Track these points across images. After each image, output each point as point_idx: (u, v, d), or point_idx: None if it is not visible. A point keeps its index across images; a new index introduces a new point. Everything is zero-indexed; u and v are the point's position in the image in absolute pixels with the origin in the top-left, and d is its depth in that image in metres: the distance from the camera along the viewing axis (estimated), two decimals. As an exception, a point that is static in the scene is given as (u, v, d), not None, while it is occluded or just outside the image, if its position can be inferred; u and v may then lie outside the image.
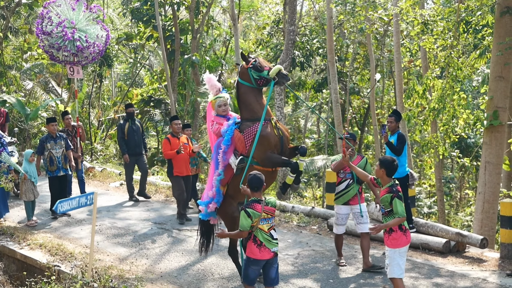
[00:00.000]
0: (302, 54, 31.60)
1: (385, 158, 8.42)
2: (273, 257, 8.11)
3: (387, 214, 8.26)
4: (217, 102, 9.79)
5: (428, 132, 23.61)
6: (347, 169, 10.60)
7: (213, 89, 10.00)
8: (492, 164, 15.04)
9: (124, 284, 9.71)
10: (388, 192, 8.21)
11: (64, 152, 14.73)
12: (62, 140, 14.82)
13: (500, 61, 15.02)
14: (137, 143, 16.83)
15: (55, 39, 15.92)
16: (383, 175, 8.33)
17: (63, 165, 14.66)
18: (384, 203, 8.25)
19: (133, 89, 37.36)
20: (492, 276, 10.54)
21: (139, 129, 16.94)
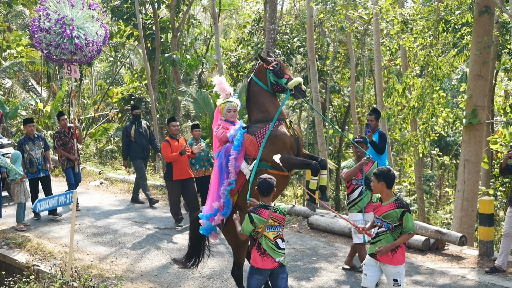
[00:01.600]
0: (282, 52, 31.59)
1: (380, 170, 7.71)
2: (278, 267, 7.59)
3: (393, 230, 7.49)
4: (227, 106, 9.27)
5: (408, 131, 23.74)
6: (359, 175, 10.10)
7: (223, 92, 9.52)
8: (471, 162, 15.14)
9: (104, 283, 9.68)
10: (397, 206, 7.48)
11: (43, 153, 14.45)
12: (41, 141, 14.52)
13: (479, 60, 15.11)
14: (145, 146, 16.42)
15: (53, 36, 15.34)
16: (384, 189, 7.59)
17: (43, 167, 14.40)
18: (392, 218, 7.48)
19: (113, 87, 37.24)
20: (471, 273, 10.62)
21: (146, 132, 16.45)
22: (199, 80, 35.31)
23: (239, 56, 33.29)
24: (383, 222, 7.58)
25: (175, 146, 13.82)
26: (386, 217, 7.54)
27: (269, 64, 8.80)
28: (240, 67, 32.73)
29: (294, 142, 8.73)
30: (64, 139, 15.36)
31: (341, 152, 33.88)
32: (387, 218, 7.52)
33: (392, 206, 7.52)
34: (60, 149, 15.31)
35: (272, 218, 7.48)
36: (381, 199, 7.70)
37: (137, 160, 16.33)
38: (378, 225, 7.66)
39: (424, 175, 30.94)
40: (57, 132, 15.61)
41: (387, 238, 7.55)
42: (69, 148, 15.37)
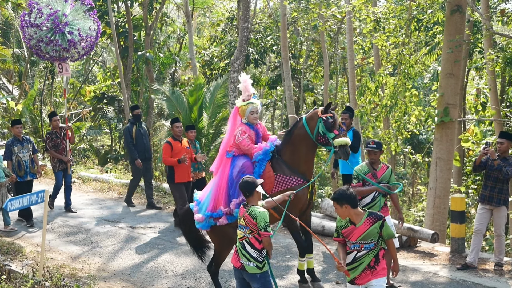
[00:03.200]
0: (256, 51, 31.65)
1: (338, 193, 6.88)
2: (242, 270, 7.37)
3: (375, 247, 6.85)
4: (250, 108, 9.15)
5: (381, 129, 23.87)
6: (372, 180, 9.32)
7: (246, 92, 9.36)
8: (443, 160, 15.24)
9: (76, 282, 9.63)
10: (374, 221, 6.84)
11: (31, 156, 13.96)
12: (29, 143, 14.00)
13: (450, 58, 15.22)
14: (146, 148, 15.85)
15: (45, 32, 14.81)
16: (350, 210, 6.84)
17: (30, 170, 13.91)
18: (373, 236, 6.82)
19: (86, 86, 37.03)
20: (443, 270, 10.71)
21: (147, 133, 16.07)
22: (172, 78, 35.22)
23: (213, 54, 33.28)
24: (362, 245, 6.85)
25: (177, 147, 13.40)
26: (365, 238, 6.82)
27: (324, 113, 8.71)
28: (214, 65, 32.72)
29: (305, 203, 9.08)
30: (56, 140, 14.85)
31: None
32: (368, 238, 6.82)
33: (369, 224, 6.82)
34: (52, 150, 14.80)
35: (244, 218, 7.32)
36: (352, 221, 6.89)
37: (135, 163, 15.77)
38: (355, 249, 6.88)
39: (397, 173, 31.13)
40: (49, 133, 15.03)
41: (368, 258, 6.87)
42: (61, 149, 14.89)
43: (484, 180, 10.83)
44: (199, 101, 24.37)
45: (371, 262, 6.87)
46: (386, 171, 9.53)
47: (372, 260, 6.88)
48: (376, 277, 6.91)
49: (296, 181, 8.81)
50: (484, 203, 10.71)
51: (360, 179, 9.39)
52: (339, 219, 6.98)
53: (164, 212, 15.50)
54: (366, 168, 9.48)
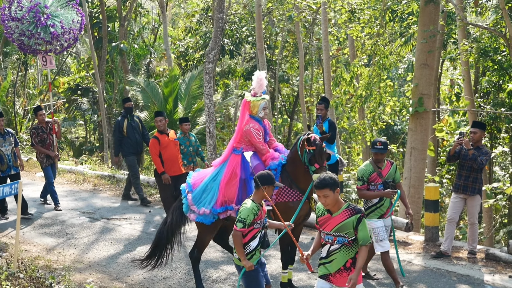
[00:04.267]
0: (231, 42, 31.60)
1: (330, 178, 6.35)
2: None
3: (350, 244, 6.36)
4: (263, 104, 9.16)
5: (356, 119, 23.98)
6: (378, 180, 9.03)
7: (259, 88, 9.24)
8: (417, 150, 15.34)
9: (51, 274, 9.57)
10: (351, 214, 6.36)
11: (13, 149, 13.50)
12: (11, 136, 13.54)
13: (424, 49, 15.30)
14: (138, 141, 15.32)
15: (26, 25, 14.46)
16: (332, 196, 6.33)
17: (13, 163, 13.42)
18: (348, 230, 6.33)
19: (60, 77, 36.73)
20: (417, 259, 10.79)
21: (139, 126, 15.41)
22: (147, 69, 35.10)
23: (188, 45, 33.19)
24: (335, 238, 6.40)
25: (165, 141, 13.03)
26: (340, 229, 6.35)
27: (309, 146, 8.54)
28: (189, 56, 32.64)
29: (303, 219, 9.06)
30: (42, 135, 14.36)
31: (290, 141, 34.01)
32: (342, 231, 6.34)
33: (346, 215, 6.35)
34: (39, 145, 14.33)
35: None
36: (329, 210, 6.46)
37: (129, 156, 15.36)
38: (329, 242, 6.45)
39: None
40: (34, 128, 14.58)
41: (342, 256, 6.40)
42: (47, 144, 14.45)
43: (458, 169, 10.91)
44: (174, 92, 24.36)
45: (347, 263, 6.38)
46: (391, 169, 9.20)
47: (349, 262, 6.39)
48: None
49: (297, 196, 8.80)
50: (458, 192, 10.81)
51: (365, 180, 9.11)
52: (318, 207, 6.58)
53: (139, 204, 15.44)
54: (370, 168, 9.14)
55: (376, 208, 9.09)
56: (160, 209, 14.80)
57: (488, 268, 10.29)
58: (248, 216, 6.98)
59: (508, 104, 19.64)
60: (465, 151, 10.61)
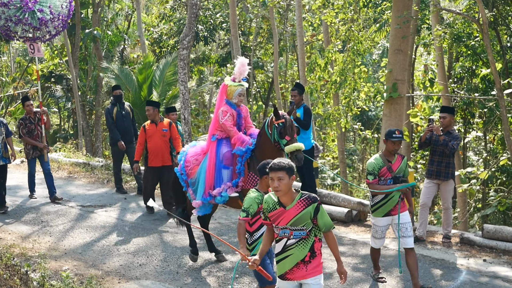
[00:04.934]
0: (205, 28, 31.51)
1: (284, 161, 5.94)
2: None
3: (308, 235, 5.94)
4: (239, 90, 9.22)
5: (331, 105, 24.03)
6: (387, 175, 8.50)
7: (240, 74, 9.32)
8: (392, 135, 15.40)
9: (27, 262, 9.53)
10: (307, 204, 5.91)
11: (4, 140, 13.18)
12: (2, 126, 13.25)
13: (398, 34, 15.32)
14: (127, 130, 14.90)
15: (13, 10, 13.79)
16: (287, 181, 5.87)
17: (3, 154, 13.09)
18: (305, 221, 5.90)
19: (33, 64, 36.43)
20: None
21: (129, 114, 15.05)
22: (121, 56, 34.92)
23: (162, 32, 33.04)
24: (292, 232, 5.94)
25: (151, 131, 12.88)
26: (296, 223, 5.90)
27: (277, 120, 8.46)
28: (163, 43, 32.50)
29: None
30: (30, 126, 13.96)
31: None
32: (299, 224, 5.90)
33: (301, 206, 5.89)
34: (26, 137, 13.92)
35: None
36: (281, 203, 5.98)
37: (115, 146, 14.95)
38: (285, 236, 5.98)
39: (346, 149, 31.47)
40: (22, 119, 14.12)
41: (299, 251, 5.96)
42: (35, 135, 14.00)
43: (430, 155, 10.99)
44: (148, 79, 24.26)
45: (306, 257, 5.94)
46: (402, 163, 8.64)
47: (307, 255, 5.95)
48: (312, 275, 6.00)
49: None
50: (431, 178, 10.90)
51: (376, 174, 8.53)
52: (266, 200, 6.09)
53: (115, 191, 15.40)
54: (380, 161, 8.59)
55: (382, 205, 8.58)
56: (135, 196, 14.79)
57: (462, 252, 10.40)
58: (251, 206, 6.86)
59: (481, 89, 19.78)
60: (436, 137, 10.69)
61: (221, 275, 9.36)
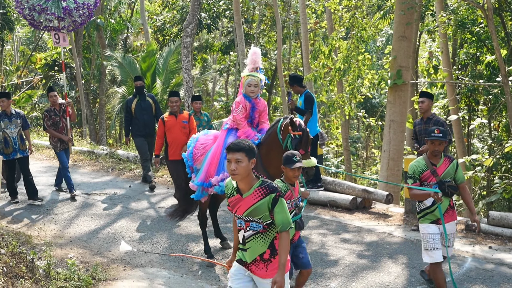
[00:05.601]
0: (208, 16, 31.42)
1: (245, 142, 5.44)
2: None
3: (266, 229, 5.40)
4: (248, 80, 8.87)
5: (335, 93, 23.95)
6: (431, 179, 7.50)
7: (252, 64, 8.96)
8: (396, 122, 15.39)
9: (33, 249, 9.54)
10: (265, 193, 5.34)
11: (20, 132, 12.76)
12: (19, 118, 12.75)
13: (402, 21, 15.29)
14: (146, 123, 14.32)
15: (36, 0, 13.57)
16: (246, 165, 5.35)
17: (20, 147, 12.67)
18: (261, 214, 5.35)
19: (37, 53, 36.41)
20: (397, 230, 10.86)
21: (150, 107, 14.37)
22: (124, 44, 34.86)
23: (165, 20, 32.96)
24: (247, 223, 5.44)
25: (170, 123, 12.35)
26: (252, 214, 5.38)
27: (294, 130, 7.88)
28: (166, 31, 32.43)
29: None
30: (55, 118, 13.40)
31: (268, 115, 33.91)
32: (255, 215, 5.37)
33: (259, 196, 5.35)
34: (51, 129, 13.37)
35: None
36: (238, 189, 5.49)
37: (137, 138, 14.47)
38: (241, 227, 5.51)
39: (350, 136, 31.42)
40: (47, 111, 13.57)
41: (257, 245, 5.45)
42: (60, 128, 13.47)
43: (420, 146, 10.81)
44: (152, 67, 24.27)
45: (265, 254, 5.42)
46: (449, 166, 7.57)
47: (267, 252, 5.42)
48: (271, 276, 5.42)
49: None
50: None
51: (416, 178, 7.62)
52: (227, 184, 5.64)
53: (119, 179, 15.43)
54: (422, 164, 7.63)
55: (429, 212, 7.56)
56: (140, 184, 14.80)
57: (468, 239, 10.38)
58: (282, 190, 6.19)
59: (486, 76, 19.71)
60: (419, 127, 10.64)
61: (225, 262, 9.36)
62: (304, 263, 7.15)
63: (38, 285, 7.74)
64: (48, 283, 7.82)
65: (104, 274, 8.72)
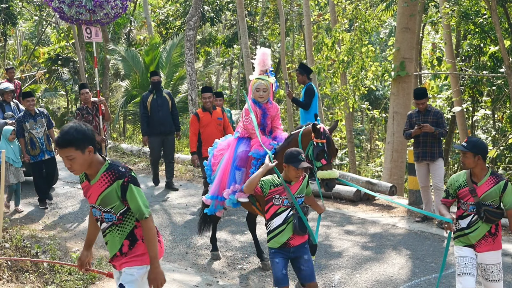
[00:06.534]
0: (212, 9, 31.40)
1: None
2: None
3: (121, 222, 4.90)
4: (256, 84, 8.13)
5: (338, 85, 23.93)
6: (469, 199, 6.32)
7: (261, 66, 8.32)
8: (400, 114, 15.36)
9: (37, 243, 9.56)
10: (112, 180, 4.76)
11: (46, 132, 12.13)
12: (43, 117, 12.13)
13: (406, 12, 15.26)
14: (162, 121, 13.41)
15: None
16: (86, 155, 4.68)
17: (47, 147, 12.08)
18: (113, 203, 4.80)
19: (40, 47, 36.43)
20: (401, 222, 10.87)
21: (167, 103, 13.53)
22: (127, 38, 34.83)
23: (168, 13, 32.96)
24: (102, 213, 4.87)
25: (206, 119, 11.83)
26: (103, 203, 4.81)
27: (317, 138, 7.20)
28: (169, 24, 32.43)
29: None
30: (87, 117, 12.84)
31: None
32: (106, 205, 4.82)
33: (105, 183, 4.76)
34: None
35: None
36: (86, 175, 4.90)
37: (152, 137, 13.61)
38: (98, 218, 4.97)
39: (354, 129, 31.38)
40: (79, 109, 13.09)
41: (114, 238, 4.93)
42: (93, 127, 11.16)
43: (414, 139, 10.76)
44: (155, 61, 24.26)
45: (123, 247, 4.89)
46: (494, 187, 6.27)
47: (125, 244, 4.89)
48: (129, 264, 4.93)
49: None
50: (419, 160, 10.66)
51: (450, 194, 6.53)
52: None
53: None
54: (462, 179, 6.45)
55: (463, 234, 6.44)
56: (144, 177, 14.83)
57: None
58: (265, 182, 6.26)
59: (489, 67, 19.68)
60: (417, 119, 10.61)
61: (230, 254, 9.37)
62: (304, 276, 6.45)
63: (42, 278, 7.76)
64: (53, 276, 7.85)
65: (108, 267, 8.73)
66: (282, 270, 6.29)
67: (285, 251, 6.32)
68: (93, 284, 8.07)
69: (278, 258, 6.32)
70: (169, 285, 8.21)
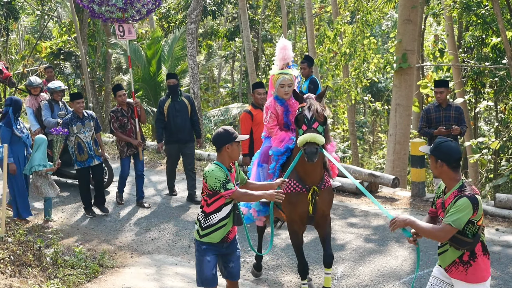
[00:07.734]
0: (213, 2, 31.35)
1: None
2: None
3: None
4: (280, 79, 7.52)
5: (340, 77, 23.92)
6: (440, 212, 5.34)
7: (282, 60, 7.71)
8: (402, 106, 15.34)
9: (40, 238, 9.57)
10: None
11: (94, 136, 11.48)
12: (91, 120, 11.46)
13: (408, 4, 15.22)
14: (180, 127, 12.21)
15: None
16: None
17: (95, 152, 11.41)
18: None
19: (42, 42, 36.41)
20: (404, 214, 10.83)
21: (186, 108, 12.30)
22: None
23: (170, 6, 32.92)
24: None
25: (259, 117, 10.38)
26: None
27: (299, 103, 7.00)
28: (171, 18, 32.39)
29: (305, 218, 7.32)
30: (122, 120, 11.93)
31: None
32: None
33: None
34: (119, 132, 11.89)
35: None
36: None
37: (168, 144, 12.51)
38: None
39: (357, 121, 31.35)
40: (113, 111, 12.06)
41: None
42: (128, 130, 11.98)
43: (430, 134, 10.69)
44: (157, 55, 24.23)
45: None
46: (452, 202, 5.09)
47: None
48: None
49: (294, 187, 7.11)
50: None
51: (434, 202, 5.57)
52: None
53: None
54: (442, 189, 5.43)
55: (440, 252, 5.42)
56: (146, 171, 14.79)
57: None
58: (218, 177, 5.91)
59: (491, 58, 19.63)
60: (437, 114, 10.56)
61: (233, 248, 9.37)
62: (232, 274, 6.34)
63: (45, 273, 7.78)
64: (56, 271, 7.87)
65: (111, 261, 8.75)
66: (212, 270, 6.11)
67: (219, 247, 6.14)
68: (96, 278, 8.10)
69: (210, 255, 6.13)
70: (172, 279, 8.24)
